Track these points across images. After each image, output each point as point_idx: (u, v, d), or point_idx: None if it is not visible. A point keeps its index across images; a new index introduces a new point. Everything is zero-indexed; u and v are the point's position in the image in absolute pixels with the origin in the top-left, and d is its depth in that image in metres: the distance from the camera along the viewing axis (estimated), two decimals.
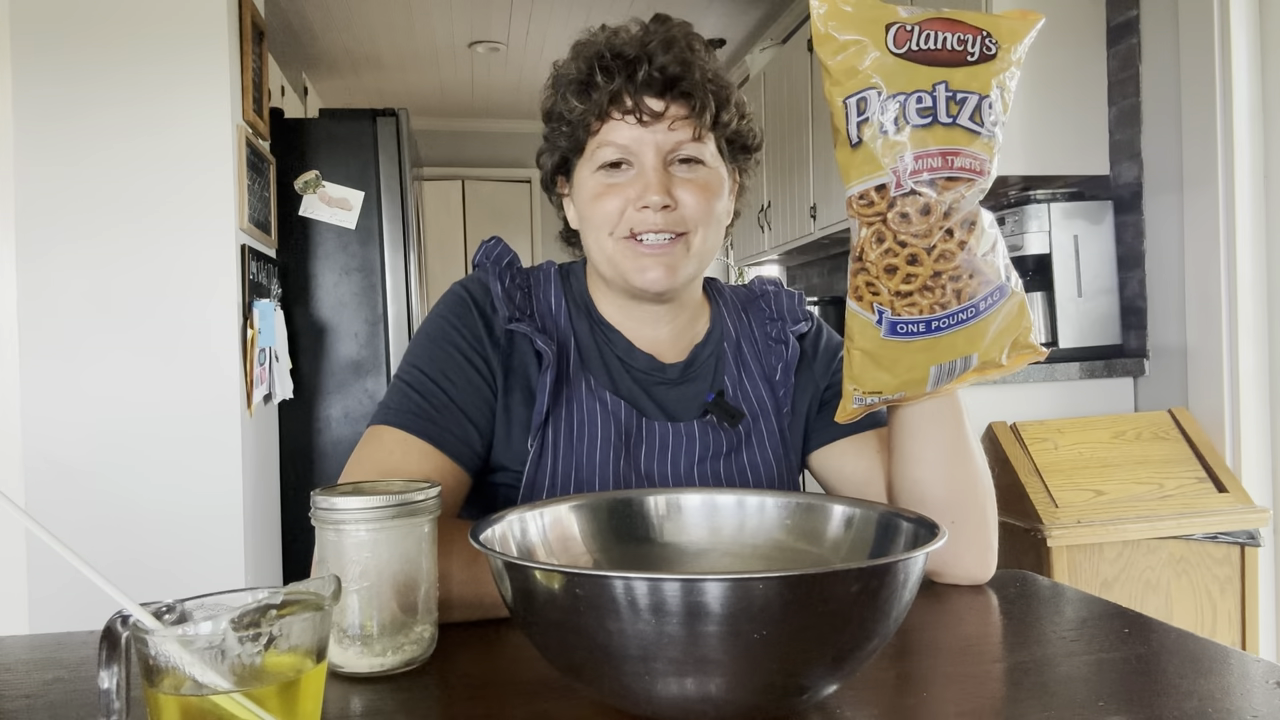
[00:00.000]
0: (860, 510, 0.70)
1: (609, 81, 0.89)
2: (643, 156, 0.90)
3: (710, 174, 0.93)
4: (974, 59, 0.65)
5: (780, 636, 0.48)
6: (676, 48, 0.90)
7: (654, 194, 0.88)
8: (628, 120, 0.90)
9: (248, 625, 0.46)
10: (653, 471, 0.93)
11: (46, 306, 2.39)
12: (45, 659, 0.70)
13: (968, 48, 0.65)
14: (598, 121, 0.91)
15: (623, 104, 0.89)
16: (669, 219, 0.90)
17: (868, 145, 0.67)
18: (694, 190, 0.91)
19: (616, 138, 0.90)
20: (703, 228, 0.92)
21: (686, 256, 0.92)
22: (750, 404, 0.99)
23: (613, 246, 0.92)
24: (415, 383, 0.91)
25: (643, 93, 0.89)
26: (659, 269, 0.91)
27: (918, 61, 0.65)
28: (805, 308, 1.06)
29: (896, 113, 0.66)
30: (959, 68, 0.66)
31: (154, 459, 2.43)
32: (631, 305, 0.97)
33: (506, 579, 0.55)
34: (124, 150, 2.42)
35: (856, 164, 0.68)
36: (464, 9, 4.44)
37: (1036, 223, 2.50)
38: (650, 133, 0.89)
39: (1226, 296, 2.17)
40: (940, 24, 0.63)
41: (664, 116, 0.89)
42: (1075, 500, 1.97)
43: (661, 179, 0.89)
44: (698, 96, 0.90)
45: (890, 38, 0.64)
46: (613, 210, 0.91)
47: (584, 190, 0.94)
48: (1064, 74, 2.53)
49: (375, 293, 3.19)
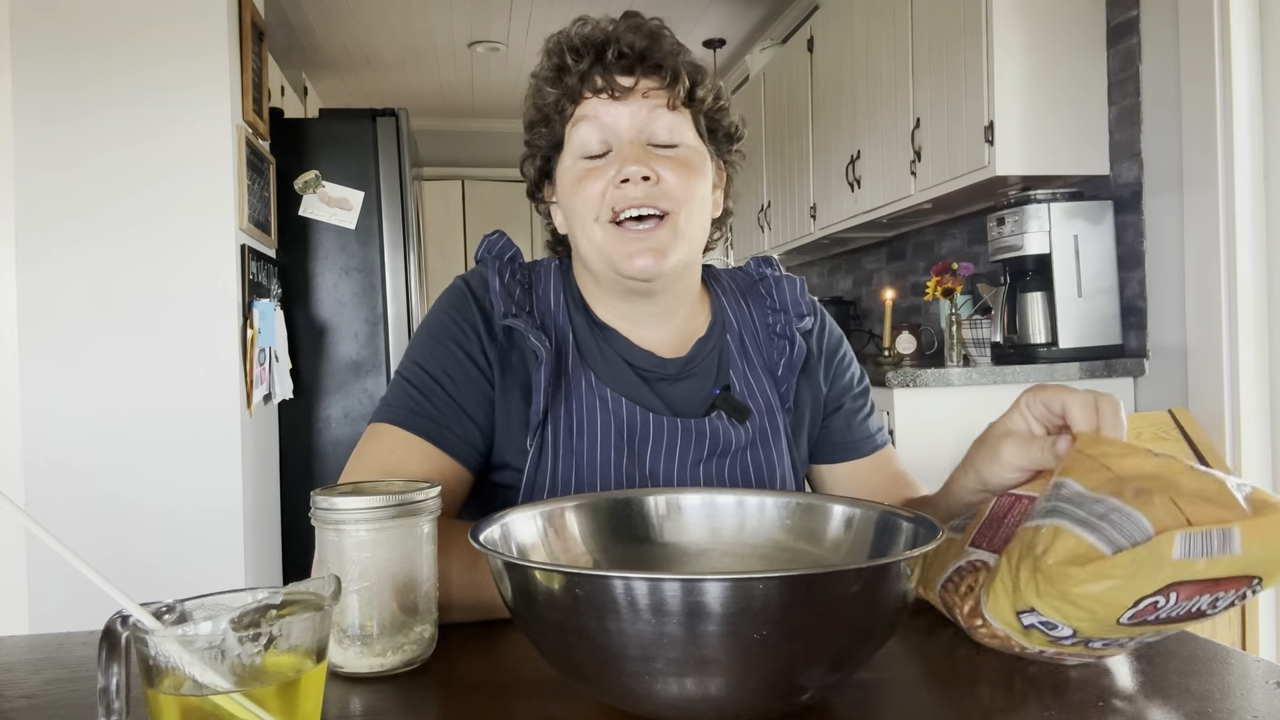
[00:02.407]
0: (860, 510, 0.70)
1: (578, 62, 0.90)
2: (619, 132, 0.90)
3: (690, 152, 0.92)
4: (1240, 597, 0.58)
5: (780, 636, 0.48)
6: (645, 29, 0.91)
7: (632, 164, 0.87)
8: (601, 98, 0.90)
9: (248, 625, 0.46)
10: (658, 469, 0.92)
11: (46, 306, 2.39)
12: (45, 659, 0.70)
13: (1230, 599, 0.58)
14: (571, 105, 0.91)
15: (593, 82, 0.90)
16: (650, 192, 0.88)
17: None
18: (674, 167, 0.90)
19: (590, 113, 0.90)
20: (686, 206, 0.90)
21: (674, 240, 0.90)
22: (755, 399, 0.97)
23: (600, 235, 0.90)
24: (416, 380, 0.90)
25: (613, 70, 0.90)
26: (646, 255, 0.88)
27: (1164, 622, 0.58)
28: (808, 297, 1.03)
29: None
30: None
31: (154, 459, 2.43)
32: (626, 307, 0.96)
33: (506, 579, 0.55)
34: (123, 150, 2.42)
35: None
36: (464, 9, 4.44)
37: (1036, 223, 2.50)
38: (624, 106, 0.89)
39: (1226, 296, 2.17)
40: (1198, 587, 0.55)
41: (635, 90, 0.90)
42: None
43: (638, 152, 0.88)
44: (668, 66, 0.90)
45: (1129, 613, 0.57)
46: (594, 193, 0.90)
47: (565, 181, 0.93)
48: (1064, 74, 2.54)
49: (375, 293, 3.19)
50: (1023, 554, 0.62)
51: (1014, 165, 2.53)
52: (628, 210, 0.88)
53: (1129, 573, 0.56)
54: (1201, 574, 0.55)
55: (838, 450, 1.04)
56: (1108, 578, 0.56)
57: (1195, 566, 0.55)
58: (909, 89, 3.02)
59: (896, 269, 3.98)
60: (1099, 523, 0.59)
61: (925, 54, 2.91)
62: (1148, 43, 2.41)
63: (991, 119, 2.53)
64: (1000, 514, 0.73)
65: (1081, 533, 0.59)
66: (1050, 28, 2.53)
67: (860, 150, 3.42)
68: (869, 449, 1.04)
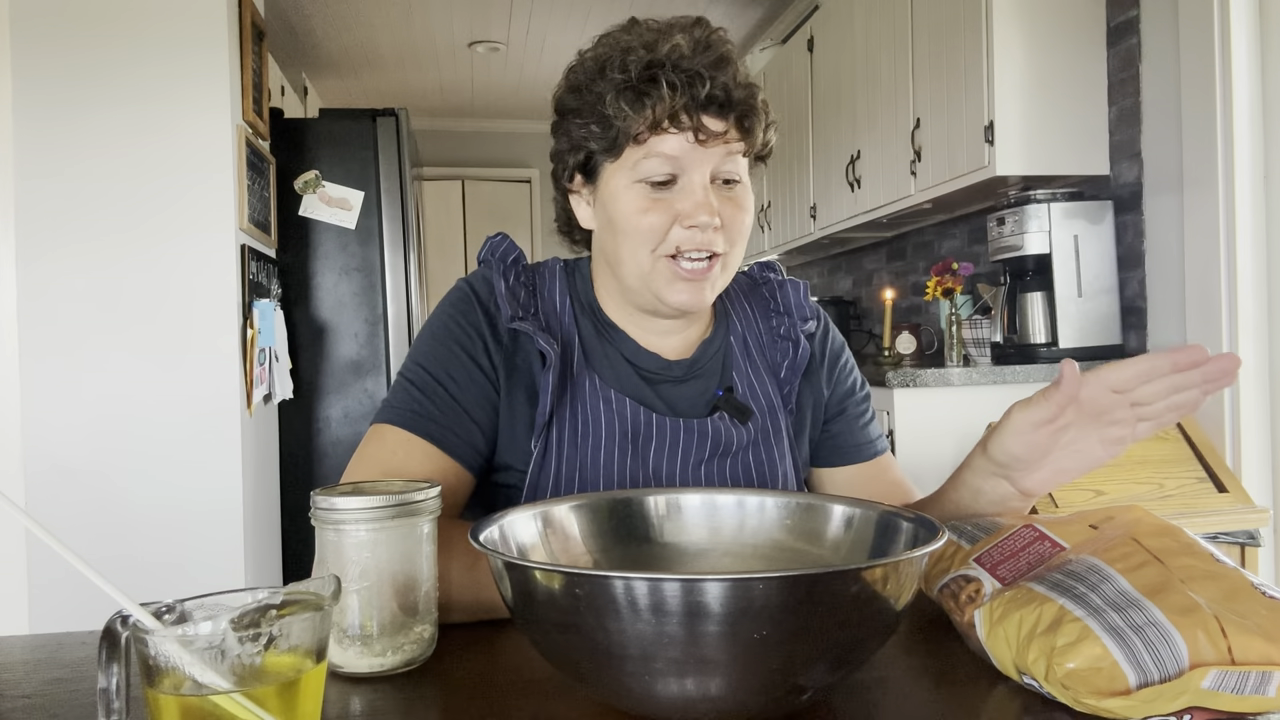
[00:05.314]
0: (860, 510, 0.70)
1: (673, 95, 0.85)
2: (693, 174, 0.87)
3: (744, 191, 0.92)
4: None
5: (780, 636, 0.48)
6: (733, 66, 0.88)
7: (705, 214, 0.86)
8: (685, 137, 0.86)
9: (248, 625, 0.46)
10: (661, 469, 0.92)
11: (46, 306, 2.39)
12: (45, 659, 0.70)
13: None
14: (649, 133, 0.87)
15: (680, 121, 0.86)
16: (713, 238, 0.88)
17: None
18: (734, 209, 0.89)
19: (668, 150, 0.87)
20: (735, 246, 0.91)
21: (721, 276, 0.91)
22: (758, 401, 0.98)
23: (650, 265, 0.89)
24: (418, 381, 0.90)
25: (704, 111, 0.86)
26: (693, 292, 0.89)
27: None
28: (811, 301, 1.04)
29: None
30: None
31: (154, 459, 2.43)
32: (641, 315, 0.96)
33: (506, 579, 0.55)
34: (124, 151, 2.42)
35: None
36: (464, 9, 4.44)
37: (1036, 223, 2.50)
38: (705, 151, 0.87)
39: (1226, 296, 2.17)
40: (1218, 714, 0.53)
41: (721, 137, 0.87)
42: (1075, 500, 1.97)
43: (711, 199, 0.87)
44: (753, 119, 0.88)
45: None
46: (659, 226, 0.88)
47: (621, 201, 0.90)
48: (1064, 74, 2.54)
49: (375, 293, 3.19)
50: (1038, 628, 0.58)
51: (1014, 165, 2.53)
52: (690, 253, 0.88)
53: (1148, 699, 0.53)
54: (1226, 706, 0.52)
55: (838, 454, 1.04)
56: (1123, 700, 0.53)
57: (1221, 699, 0.52)
58: (909, 89, 3.02)
59: (896, 269, 3.98)
60: (1132, 637, 0.54)
61: (925, 54, 2.91)
62: (1148, 43, 2.41)
63: (991, 119, 2.53)
64: (1018, 545, 0.69)
65: (1109, 644, 0.54)
66: (1050, 28, 2.53)
67: (860, 150, 3.42)
68: (869, 454, 1.05)
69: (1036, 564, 0.67)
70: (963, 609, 0.67)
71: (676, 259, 0.89)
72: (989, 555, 0.70)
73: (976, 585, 0.68)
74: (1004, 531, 0.71)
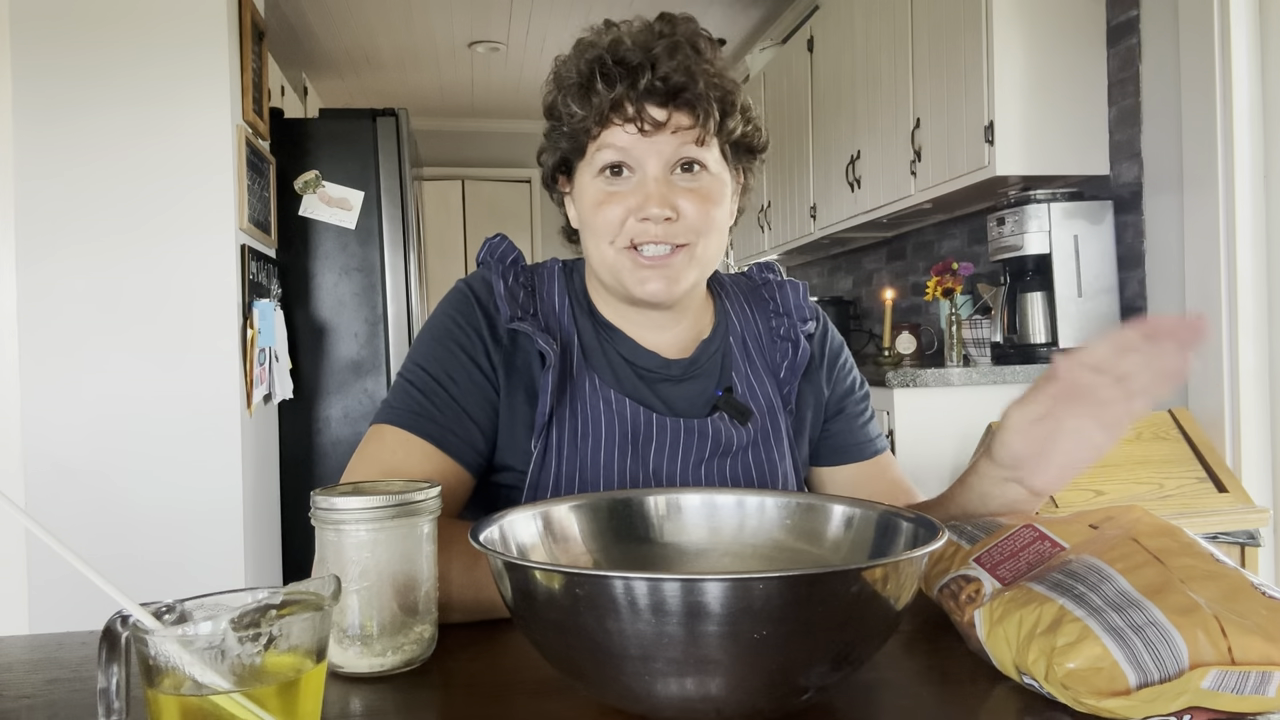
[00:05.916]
0: (860, 510, 0.70)
1: (610, 89, 0.86)
2: (644, 165, 0.88)
3: (712, 181, 0.91)
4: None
5: (780, 636, 0.48)
6: (681, 53, 0.87)
7: (654, 206, 0.87)
8: (628, 128, 0.87)
9: (248, 625, 0.46)
10: (661, 468, 0.92)
11: (46, 306, 2.39)
12: (45, 659, 0.70)
13: None
14: (598, 127, 0.89)
15: (624, 111, 0.87)
16: (669, 230, 0.88)
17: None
18: (695, 200, 0.89)
19: (618, 143, 0.88)
20: (704, 237, 0.90)
21: (688, 266, 0.90)
22: (758, 401, 0.98)
23: (614, 256, 0.90)
24: (418, 381, 0.91)
25: (644, 100, 0.87)
26: (659, 281, 0.89)
27: None
28: (810, 302, 1.05)
29: None
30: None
31: (154, 459, 2.43)
32: (632, 311, 0.97)
33: (506, 579, 0.55)
34: (123, 151, 2.42)
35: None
36: (464, 9, 4.44)
37: (1036, 223, 2.50)
38: (652, 141, 0.87)
39: (1226, 296, 2.17)
40: (1217, 714, 0.53)
41: (666, 125, 0.87)
42: (1075, 500, 1.97)
43: (662, 190, 0.87)
44: (701, 106, 0.87)
45: None
46: (614, 219, 0.89)
47: (585, 196, 0.93)
48: (1064, 74, 2.54)
49: (375, 293, 3.19)
50: (1038, 628, 0.58)
51: (1014, 165, 2.53)
52: (646, 246, 0.89)
53: (1148, 699, 0.53)
54: (1226, 706, 0.52)
55: (838, 453, 1.04)
56: (1123, 700, 0.53)
57: (1221, 699, 0.52)
58: (909, 89, 3.02)
59: (896, 269, 3.98)
60: (1132, 637, 0.54)
61: (925, 54, 2.91)
62: (1148, 43, 2.41)
63: (991, 119, 2.53)
64: (1018, 546, 0.70)
65: (1109, 644, 0.55)
66: (1050, 28, 2.53)
67: (860, 150, 3.42)
68: (869, 453, 1.05)
69: (1036, 564, 0.67)
70: (963, 609, 0.67)
71: (637, 250, 0.89)
72: (989, 555, 0.70)
73: (976, 585, 0.68)
74: (1004, 531, 0.72)
